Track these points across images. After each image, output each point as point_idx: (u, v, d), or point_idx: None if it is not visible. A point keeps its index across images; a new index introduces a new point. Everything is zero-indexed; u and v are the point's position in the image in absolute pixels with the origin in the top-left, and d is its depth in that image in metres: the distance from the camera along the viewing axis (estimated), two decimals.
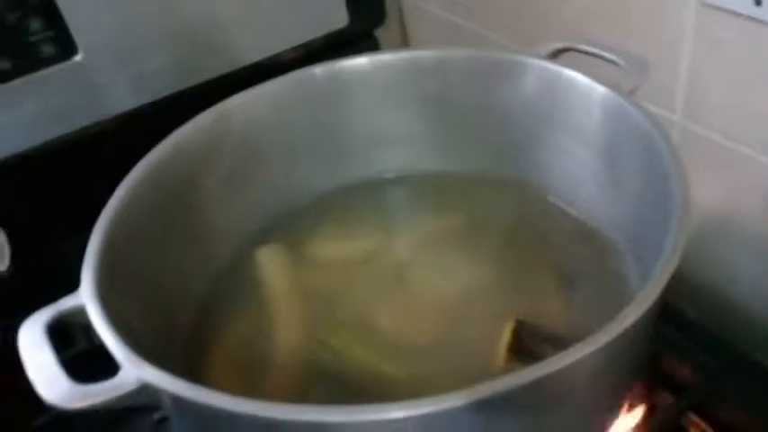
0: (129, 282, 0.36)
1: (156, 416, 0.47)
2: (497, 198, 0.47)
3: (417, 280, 0.44)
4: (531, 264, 0.43)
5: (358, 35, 0.67)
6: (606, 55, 0.41)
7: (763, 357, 0.50)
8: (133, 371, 0.28)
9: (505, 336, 0.38)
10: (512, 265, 0.43)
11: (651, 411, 0.45)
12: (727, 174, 0.52)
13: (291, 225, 0.48)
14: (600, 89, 0.40)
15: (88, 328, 0.31)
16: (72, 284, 0.34)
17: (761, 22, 0.44)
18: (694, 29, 0.48)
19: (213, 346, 0.41)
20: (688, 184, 0.31)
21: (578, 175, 0.43)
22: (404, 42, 0.77)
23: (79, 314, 0.32)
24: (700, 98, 0.51)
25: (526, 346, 0.38)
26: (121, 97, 0.58)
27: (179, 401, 0.27)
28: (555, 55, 0.44)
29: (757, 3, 0.44)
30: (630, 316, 0.27)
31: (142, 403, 0.29)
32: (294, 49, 0.63)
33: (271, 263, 0.45)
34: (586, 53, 0.42)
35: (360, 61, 0.47)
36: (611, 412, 0.37)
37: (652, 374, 0.46)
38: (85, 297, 0.32)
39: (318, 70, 0.47)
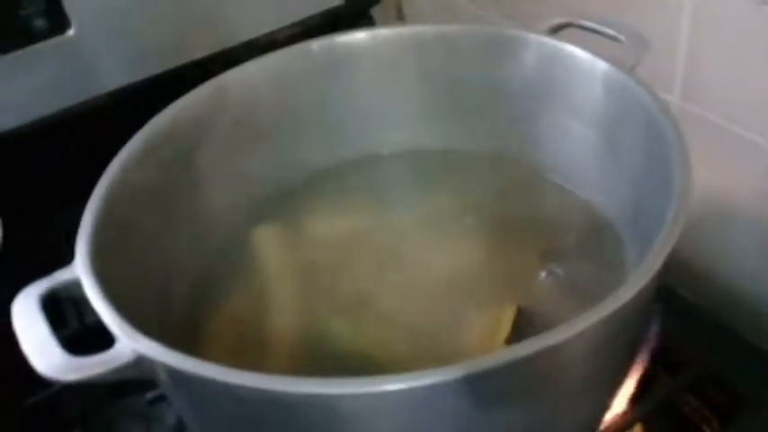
0: (123, 256, 0.35)
1: (149, 395, 0.47)
2: (496, 176, 0.47)
3: (415, 260, 0.43)
4: (529, 245, 0.43)
5: (354, 13, 0.67)
6: (606, 30, 0.40)
7: (757, 339, 0.50)
8: (128, 343, 0.28)
9: (505, 324, 0.38)
10: (510, 246, 0.43)
11: (646, 390, 0.45)
12: (725, 156, 0.51)
13: (288, 202, 0.47)
14: (601, 65, 0.39)
15: (80, 308, 0.31)
16: (67, 260, 0.33)
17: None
18: (693, 5, 0.48)
19: (207, 327, 0.40)
20: (690, 162, 0.31)
21: (578, 153, 0.43)
22: (399, 22, 0.76)
23: (74, 287, 0.31)
24: (698, 78, 0.50)
25: (526, 337, 0.37)
26: (115, 74, 0.57)
27: (175, 374, 0.27)
28: (555, 31, 0.43)
29: None
30: (630, 290, 0.27)
31: (137, 377, 0.29)
32: (290, 27, 0.63)
33: (267, 243, 0.45)
34: (586, 29, 0.42)
35: (358, 36, 0.47)
36: (608, 391, 0.36)
37: (648, 354, 0.46)
38: (80, 270, 0.31)
39: (316, 45, 0.46)
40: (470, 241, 0.44)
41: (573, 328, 0.26)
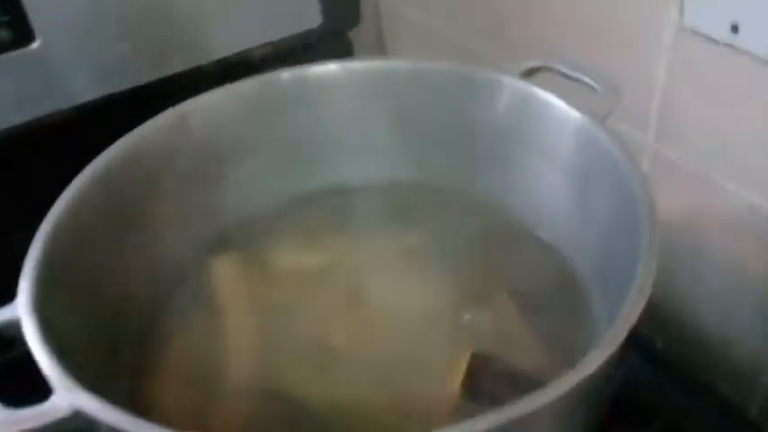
0: (72, 293, 0.34)
1: None
2: (464, 215, 0.46)
3: (377, 300, 0.42)
4: (493, 288, 0.42)
5: (331, 35, 0.66)
6: (582, 78, 0.40)
7: (726, 389, 0.50)
8: (66, 396, 0.26)
9: (461, 369, 0.37)
10: (474, 288, 0.42)
11: None
12: (697, 199, 0.51)
13: (250, 233, 0.46)
14: (574, 114, 0.39)
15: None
16: (12, 286, 0.32)
17: (737, 49, 0.44)
18: (671, 51, 0.48)
19: (160, 365, 0.39)
20: (657, 225, 0.30)
21: (548, 199, 0.42)
22: (378, 46, 0.75)
23: (14, 328, 0.30)
24: (673, 121, 0.50)
25: (481, 383, 0.37)
26: (81, 88, 0.55)
27: None
28: (530, 73, 0.42)
29: (734, 30, 0.43)
30: (595, 361, 0.26)
31: (75, 430, 0.27)
32: (264, 46, 0.62)
33: (226, 278, 0.43)
34: (561, 74, 0.41)
35: (330, 68, 0.46)
36: None
37: (615, 405, 0.46)
38: (22, 310, 0.30)
39: (286, 75, 0.45)
40: (434, 282, 0.43)
41: (530, 405, 0.25)
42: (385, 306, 0.42)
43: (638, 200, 0.32)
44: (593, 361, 0.26)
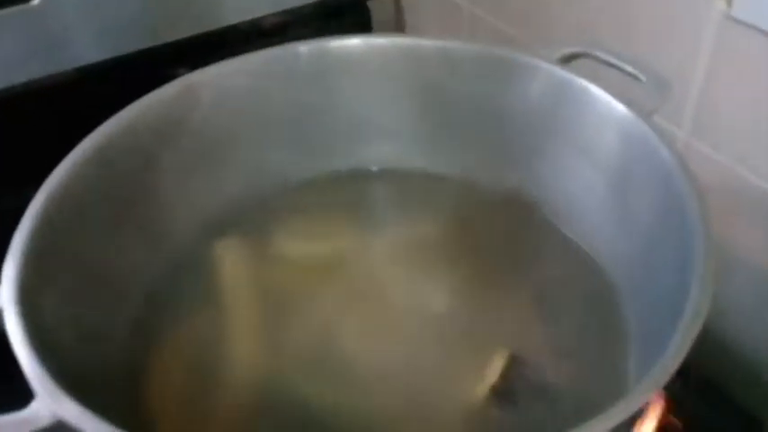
0: (63, 279, 0.31)
1: None
2: (489, 209, 0.43)
3: (390, 294, 0.40)
4: (518, 288, 0.39)
5: (348, 4, 0.63)
6: (626, 67, 0.37)
7: (744, 399, 0.48)
8: (49, 403, 0.24)
9: (494, 369, 0.35)
10: (498, 287, 0.39)
11: None
12: (729, 199, 0.49)
13: (257, 216, 0.43)
14: (619, 108, 0.35)
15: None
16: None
17: None
18: (714, 42, 0.45)
19: (159, 353, 0.36)
20: (713, 244, 0.27)
21: (582, 198, 0.39)
22: (397, 17, 0.72)
23: None
24: (708, 113, 0.47)
25: (510, 388, 0.34)
26: (82, 49, 0.53)
27: None
28: (567, 60, 0.39)
29: None
30: (622, 412, 0.23)
31: None
32: (278, 14, 0.58)
33: (229, 261, 0.41)
34: (604, 62, 0.38)
35: (352, 42, 0.42)
36: None
37: None
38: (5, 299, 0.27)
39: (304, 48, 0.42)
40: (456, 278, 0.40)
41: None
42: (397, 303, 0.39)
43: (688, 211, 0.29)
44: (642, 394, 0.23)
